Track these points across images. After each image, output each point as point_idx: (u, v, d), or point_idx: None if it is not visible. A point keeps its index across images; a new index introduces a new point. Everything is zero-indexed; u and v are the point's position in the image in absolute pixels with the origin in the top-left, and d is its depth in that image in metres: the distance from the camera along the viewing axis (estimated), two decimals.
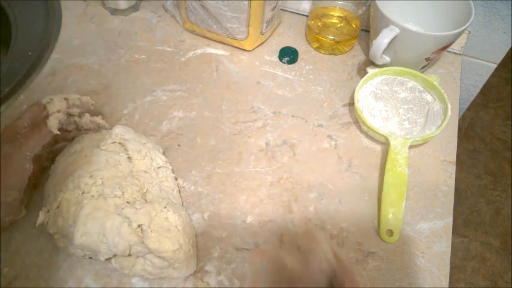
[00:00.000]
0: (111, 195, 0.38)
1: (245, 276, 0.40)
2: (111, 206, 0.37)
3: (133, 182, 0.40)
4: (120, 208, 0.37)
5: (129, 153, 0.42)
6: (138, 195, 0.39)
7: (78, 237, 0.36)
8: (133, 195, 0.39)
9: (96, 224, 0.36)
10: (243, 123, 0.52)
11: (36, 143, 0.39)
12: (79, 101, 0.44)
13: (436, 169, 0.49)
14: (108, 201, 0.37)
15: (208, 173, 0.47)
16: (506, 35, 0.59)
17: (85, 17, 0.63)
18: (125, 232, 0.36)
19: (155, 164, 0.43)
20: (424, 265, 0.42)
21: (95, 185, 0.38)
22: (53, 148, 0.44)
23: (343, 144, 0.51)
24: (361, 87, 0.52)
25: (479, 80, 0.67)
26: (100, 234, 0.36)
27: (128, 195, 0.39)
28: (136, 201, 0.38)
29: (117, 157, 0.41)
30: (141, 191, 0.40)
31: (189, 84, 0.55)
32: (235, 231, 0.43)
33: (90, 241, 0.36)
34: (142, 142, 0.44)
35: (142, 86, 0.55)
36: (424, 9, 0.56)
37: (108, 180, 0.39)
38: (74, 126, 0.44)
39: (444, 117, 0.49)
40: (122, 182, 0.39)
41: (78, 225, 0.36)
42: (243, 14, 0.53)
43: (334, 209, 0.45)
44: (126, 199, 0.38)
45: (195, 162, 0.48)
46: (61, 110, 0.41)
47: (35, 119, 0.40)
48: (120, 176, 0.40)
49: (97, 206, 0.37)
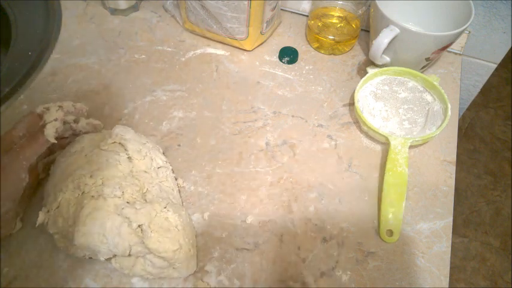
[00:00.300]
0: (111, 195, 0.38)
1: (245, 276, 0.40)
2: (111, 206, 0.37)
3: (133, 182, 0.40)
4: (120, 208, 0.37)
5: (129, 153, 0.42)
6: (138, 195, 0.39)
7: (78, 237, 0.36)
8: (133, 195, 0.39)
9: (96, 224, 0.36)
10: (243, 123, 0.52)
11: (32, 152, 0.39)
12: (73, 108, 0.44)
13: (436, 169, 0.49)
14: (108, 202, 0.37)
15: (208, 173, 0.47)
16: (506, 35, 0.59)
17: (85, 17, 0.63)
18: (125, 232, 0.36)
19: (155, 164, 0.43)
20: (424, 265, 0.42)
21: (95, 185, 0.38)
22: (49, 159, 0.44)
23: (343, 144, 0.51)
24: (361, 87, 0.52)
25: (479, 80, 0.67)
26: (100, 235, 0.36)
27: (127, 195, 0.39)
28: (136, 202, 0.38)
29: (117, 157, 0.41)
30: (141, 191, 0.40)
31: (189, 84, 0.55)
32: (235, 231, 0.43)
33: (90, 241, 0.36)
34: (142, 142, 0.44)
35: (142, 86, 0.55)
36: (424, 9, 0.56)
37: (108, 180, 0.39)
38: (70, 132, 0.44)
39: (444, 117, 0.49)
40: (122, 182, 0.39)
41: (78, 225, 0.36)
42: (243, 14, 0.53)
43: (334, 209, 0.45)
44: (126, 199, 0.38)
45: (195, 162, 0.48)
46: (58, 118, 0.41)
47: (31, 128, 0.40)
48: (120, 176, 0.40)
49: (97, 206, 0.37)
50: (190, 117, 0.52)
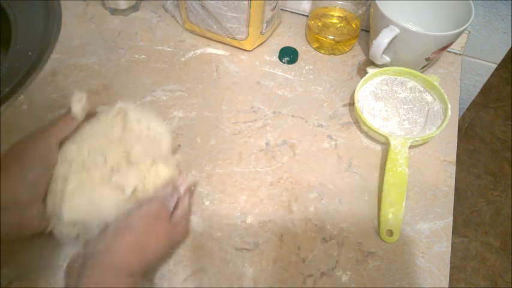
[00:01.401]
0: (95, 164, 0.37)
1: (245, 276, 0.40)
2: (96, 177, 0.37)
3: (118, 147, 0.39)
4: (108, 178, 0.36)
5: (127, 123, 0.41)
6: (122, 158, 0.39)
7: (66, 212, 0.35)
8: (115, 159, 0.38)
9: (83, 198, 0.36)
10: (243, 123, 0.52)
11: (61, 130, 0.39)
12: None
13: (436, 169, 0.49)
14: (92, 173, 0.37)
15: (208, 173, 0.47)
16: (506, 35, 0.59)
17: (85, 17, 0.63)
18: (121, 200, 0.36)
19: (152, 132, 0.42)
20: (424, 265, 0.42)
21: (81, 155, 0.38)
22: None
23: (343, 144, 0.51)
24: (361, 87, 0.52)
25: (479, 80, 0.67)
26: (90, 207, 0.36)
27: (111, 161, 0.38)
28: (121, 166, 0.38)
29: (110, 128, 0.40)
30: (125, 154, 0.39)
31: (189, 84, 0.55)
32: (235, 231, 0.43)
33: (78, 216, 0.35)
34: (144, 114, 0.43)
35: (142, 86, 0.55)
36: (424, 9, 0.56)
37: (95, 150, 0.38)
38: None
39: (444, 117, 0.49)
40: (105, 148, 0.38)
41: (65, 201, 0.36)
42: (243, 14, 0.53)
43: (334, 209, 0.45)
44: (110, 166, 0.38)
45: (195, 162, 0.48)
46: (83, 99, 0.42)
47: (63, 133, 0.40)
48: (105, 143, 0.39)
49: (82, 179, 0.36)
50: (190, 117, 0.52)
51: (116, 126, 0.41)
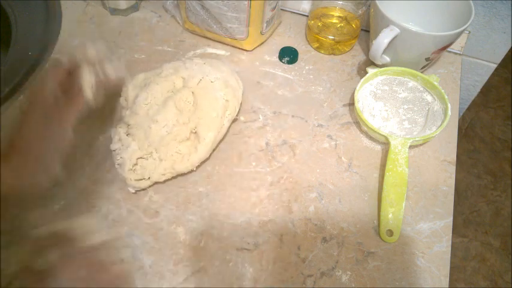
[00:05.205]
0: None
1: (245, 276, 0.40)
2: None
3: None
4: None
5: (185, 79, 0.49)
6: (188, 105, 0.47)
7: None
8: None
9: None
10: (243, 123, 0.52)
11: (74, 115, 0.38)
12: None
13: (436, 169, 0.49)
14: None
15: (208, 173, 0.47)
16: (506, 35, 0.59)
17: (85, 17, 0.63)
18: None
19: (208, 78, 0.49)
20: (424, 265, 0.42)
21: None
22: None
23: (343, 144, 0.51)
24: (361, 87, 0.52)
25: (479, 80, 0.67)
26: None
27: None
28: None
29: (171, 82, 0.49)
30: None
31: None
32: (235, 231, 0.43)
33: None
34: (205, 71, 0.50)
35: None
36: (424, 9, 0.56)
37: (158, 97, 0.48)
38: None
39: (444, 117, 0.49)
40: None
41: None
42: (243, 14, 0.53)
43: (334, 209, 0.45)
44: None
45: None
46: (93, 82, 0.41)
47: (63, 86, 0.39)
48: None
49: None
50: None
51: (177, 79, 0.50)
